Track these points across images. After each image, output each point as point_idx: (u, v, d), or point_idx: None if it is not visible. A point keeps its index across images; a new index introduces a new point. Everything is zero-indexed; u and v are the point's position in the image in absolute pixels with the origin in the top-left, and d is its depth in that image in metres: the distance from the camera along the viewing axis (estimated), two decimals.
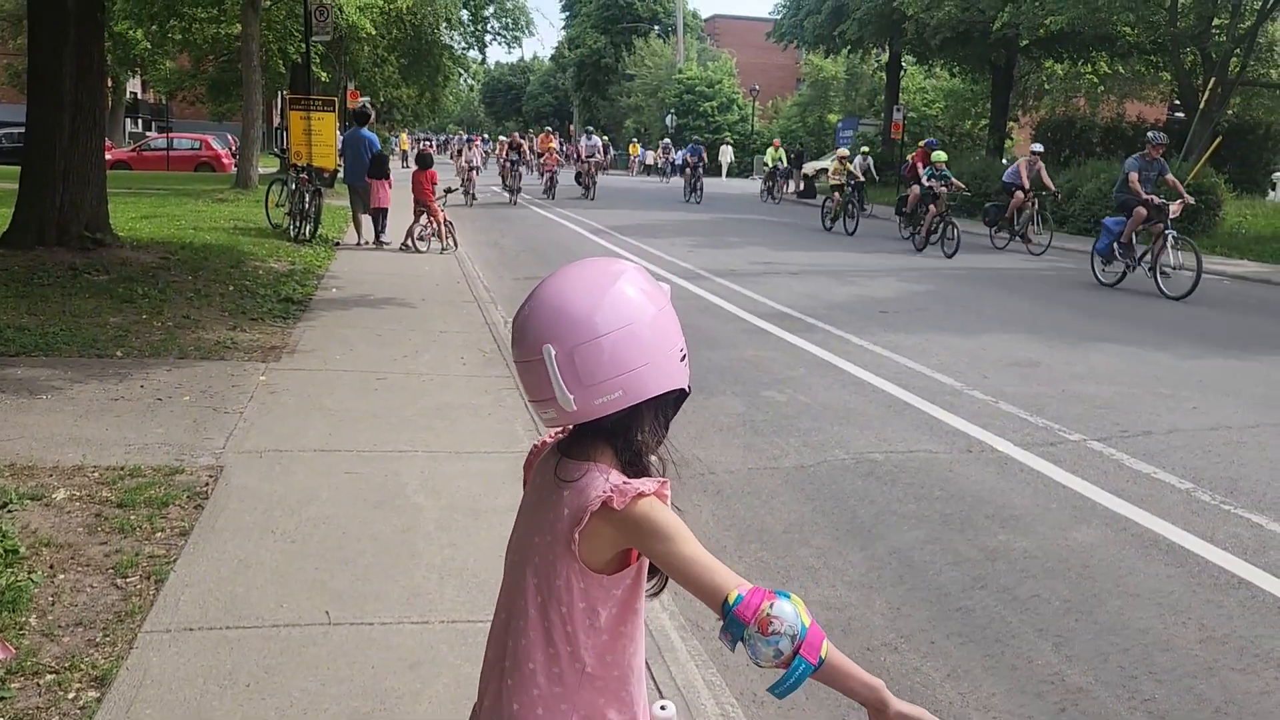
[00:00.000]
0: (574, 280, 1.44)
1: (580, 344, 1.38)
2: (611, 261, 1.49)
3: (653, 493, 1.43)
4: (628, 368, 1.40)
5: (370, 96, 33.34)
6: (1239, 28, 21.96)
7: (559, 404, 1.40)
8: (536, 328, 1.41)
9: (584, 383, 1.39)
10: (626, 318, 1.40)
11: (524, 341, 1.43)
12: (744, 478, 5.18)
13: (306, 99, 14.42)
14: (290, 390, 6.15)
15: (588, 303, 1.40)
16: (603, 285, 1.43)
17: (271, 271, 10.77)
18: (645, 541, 1.44)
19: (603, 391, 1.40)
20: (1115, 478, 5.14)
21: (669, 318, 1.47)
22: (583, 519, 1.43)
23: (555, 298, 1.42)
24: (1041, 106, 41.93)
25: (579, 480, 1.46)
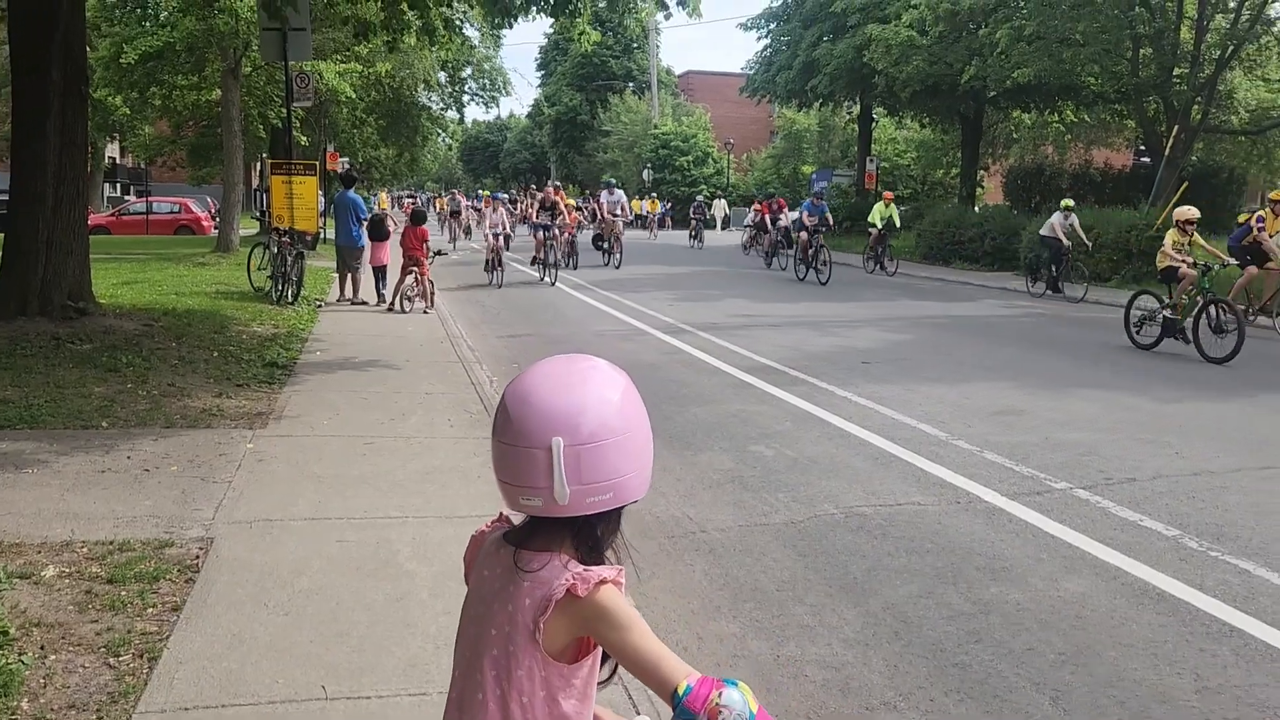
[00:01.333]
0: (579, 378, 1.50)
1: (590, 444, 1.44)
2: (601, 364, 1.56)
3: (612, 580, 1.49)
4: (622, 473, 1.47)
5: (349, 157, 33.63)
6: (1199, 77, 22.55)
7: (552, 496, 1.44)
8: (547, 419, 1.45)
9: (583, 480, 1.44)
10: (631, 426, 1.49)
11: (528, 429, 1.46)
12: (735, 535, 5.19)
13: (288, 163, 14.53)
14: (278, 457, 6.14)
15: (597, 404, 1.47)
16: (607, 388, 1.50)
17: (255, 336, 10.77)
18: (602, 629, 1.48)
19: (597, 491, 1.46)
20: (1103, 526, 5.19)
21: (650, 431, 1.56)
22: (547, 608, 1.47)
23: (562, 393, 1.47)
24: (1010, 155, 42.74)
25: (540, 571, 1.50)
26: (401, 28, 12.34)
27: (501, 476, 1.52)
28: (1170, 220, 19.76)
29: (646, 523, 5.37)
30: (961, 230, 25.86)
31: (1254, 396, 8.83)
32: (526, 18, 12.23)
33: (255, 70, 20.94)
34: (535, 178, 76.05)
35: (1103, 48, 22.64)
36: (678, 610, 4.30)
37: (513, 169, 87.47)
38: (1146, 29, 22.06)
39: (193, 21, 17.94)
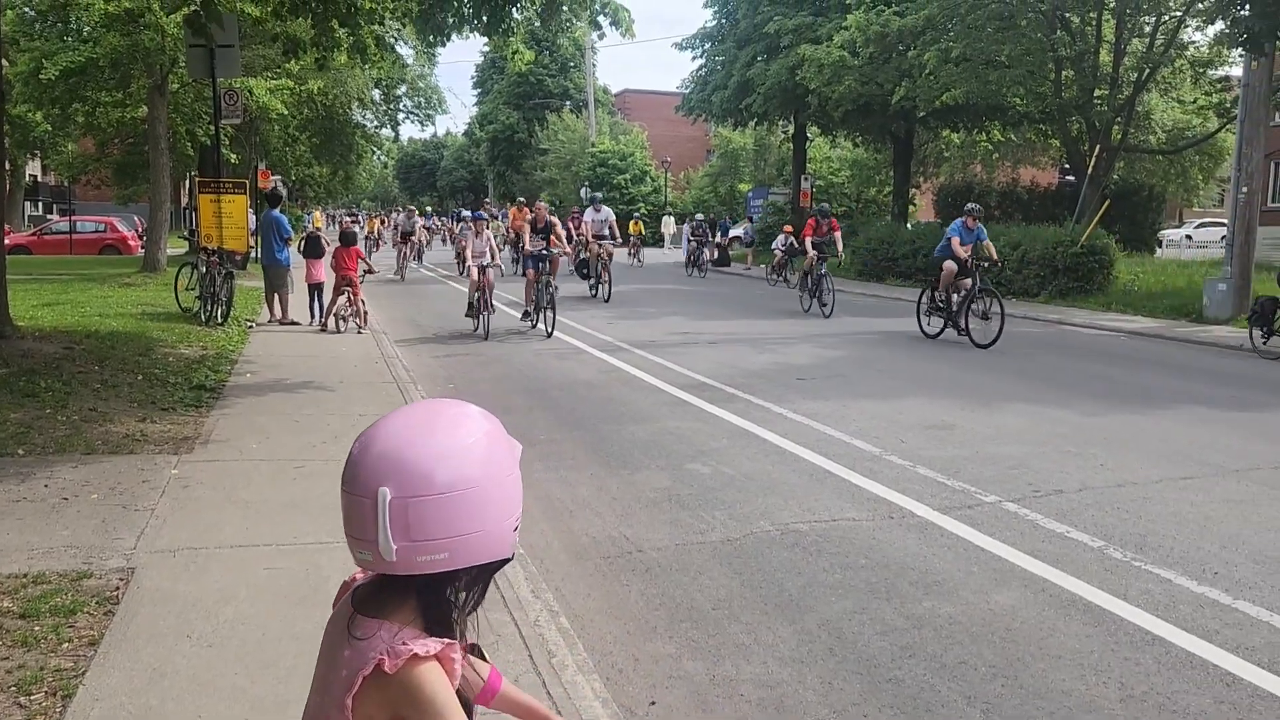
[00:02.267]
0: (425, 426, 1.36)
1: (417, 497, 1.30)
2: (467, 411, 1.42)
3: (433, 655, 1.34)
4: (461, 531, 1.32)
5: (282, 176, 33.14)
6: (1118, 98, 23.29)
7: (379, 551, 1.31)
8: (374, 467, 1.32)
9: (411, 536, 1.30)
10: (472, 479, 1.33)
11: (357, 477, 1.34)
12: (672, 554, 5.18)
13: (216, 181, 14.25)
14: (204, 483, 5.98)
15: (434, 454, 1.33)
16: (455, 438, 1.35)
17: (182, 358, 10.51)
18: (411, 713, 1.32)
19: (429, 550, 1.32)
20: (1031, 538, 5.28)
21: (515, 484, 1.41)
22: (355, 683, 1.33)
23: (400, 440, 1.33)
24: (941, 173, 43.72)
25: (363, 640, 1.35)
26: (332, 45, 12.18)
27: (344, 525, 1.38)
28: (1096, 236, 20.50)
29: (583, 544, 5.34)
30: (894, 247, 26.30)
31: (1173, 408, 9.08)
32: (460, 36, 12.18)
33: (183, 87, 20.55)
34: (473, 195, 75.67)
35: (1027, 69, 23.26)
36: (614, 632, 4.27)
37: (450, 187, 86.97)
38: (1068, 52, 22.72)
39: (117, 37, 17.55)
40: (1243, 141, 17.43)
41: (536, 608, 4.29)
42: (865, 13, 26.75)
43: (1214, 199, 50.19)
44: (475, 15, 11.10)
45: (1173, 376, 10.98)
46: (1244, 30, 16.44)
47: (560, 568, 5.01)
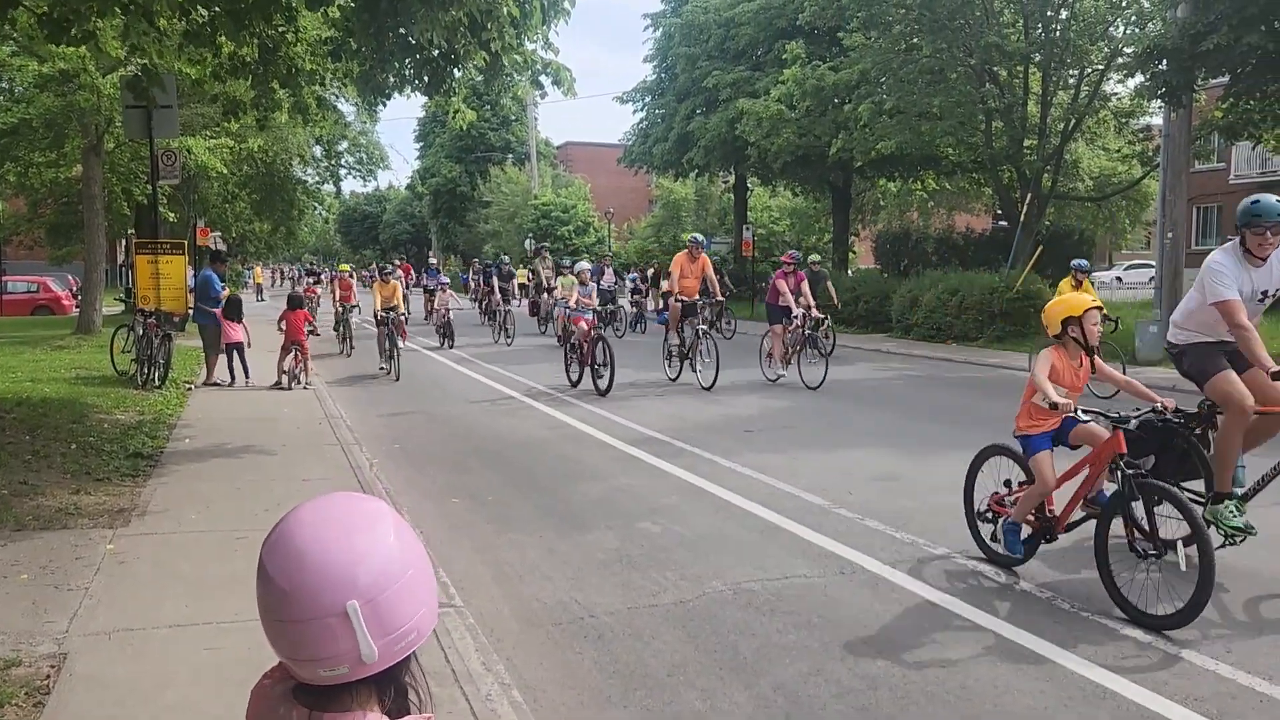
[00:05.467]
0: (352, 524, 1.33)
1: (386, 592, 1.29)
2: (365, 498, 1.41)
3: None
4: (421, 605, 1.33)
5: (221, 232, 32.75)
6: (1047, 148, 24.04)
7: (359, 660, 1.29)
8: (331, 583, 1.28)
9: (387, 630, 1.29)
10: (416, 555, 1.35)
11: (313, 600, 1.27)
12: (624, 618, 5.13)
13: (154, 242, 14.03)
14: (142, 558, 5.80)
15: (383, 546, 1.32)
16: (388, 524, 1.35)
17: (118, 424, 10.25)
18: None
19: (403, 635, 1.31)
20: (980, 592, 5.33)
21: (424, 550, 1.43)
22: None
23: (345, 548, 1.30)
24: (879, 220, 44.65)
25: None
26: (272, 106, 12.16)
27: (291, 655, 1.32)
28: (1030, 281, 21.02)
29: (534, 610, 5.27)
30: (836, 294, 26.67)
31: None
32: (401, 95, 12.22)
33: (119, 146, 20.27)
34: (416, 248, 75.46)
35: (958, 120, 23.93)
36: (565, 702, 4.21)
37: (392, 240, 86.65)
38: (997, 103, 23.45)
39: (51, 98, 17.31)
40: (1165, 189, 18.07)
41: (488, 681, 4.21)
42: (801, 67, 27.40)
43: (1141, 242, 51.93)
44: (416, 76, 11.13)
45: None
46: (1163, 84, 17.13)
47: (511, 636, 4.93)
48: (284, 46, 11.12)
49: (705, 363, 14.00)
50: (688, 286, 14.39)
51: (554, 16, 9.63)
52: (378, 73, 11.23)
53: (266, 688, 1.41)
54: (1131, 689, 4.11)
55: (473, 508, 7.57)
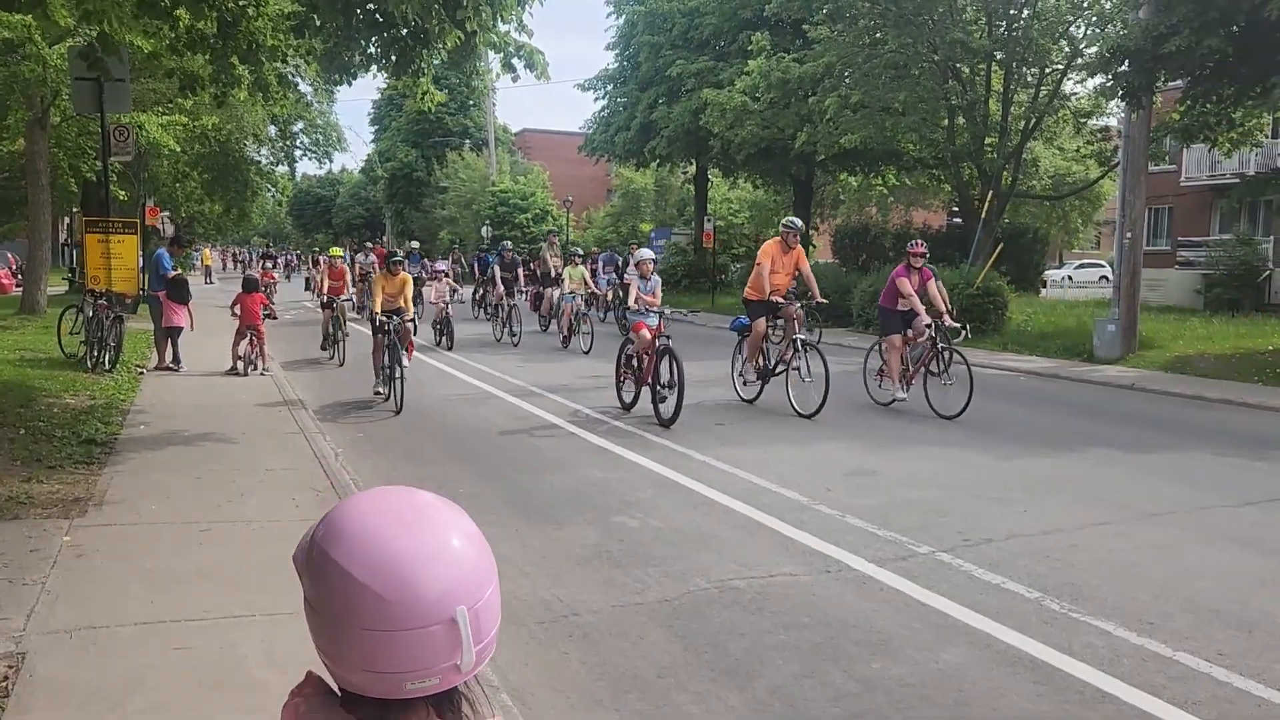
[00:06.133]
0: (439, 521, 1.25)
1: (485, 594, 1.22)
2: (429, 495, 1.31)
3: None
4: (499, 610, 1.26)
5: (170, 212, 31.94)
6: (1007, 146, 24.25)
7: (454, 669, 1.19)
8: (444, 588, 1.19)
9: (482, 636, 1.21)
10: (489, 550, 1.27)
11: (422, 608, 1.18)
12: (609, 617, 4.99)
13: (105, 220, 13.56)
14: (101, 551, 5.54)
15: (480, 546, 1.24)
16: (471, 522, 1.27)
17: (69, 409, 9.87)
18: None
19: (492, 642, 1.25)
20: (968, 591, 5.27)
21: None
22: None
23: (448, 549, 1.21)
24: (838, 215, 44.88)
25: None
26: (232, 82, 11.79)
27: (378, 668, 1.21)
28: (990, 278, 21.21)
29: (514, 608, 5.11)
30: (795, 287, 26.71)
31: (1081, 450, 9.31)
32: (366, 74, 11.92)
33: (66, 120, 19.60)
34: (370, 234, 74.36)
35: (921, 116, 24.05)
36: (555, 705, 4.07)
37: (346, 224, 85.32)
38: (959, 101, 23.59)
39: None
40: (1125, 189, 18.27)
41: (474, 684, 4.04)
42: (767, 59, 27.33)
43: (1091, 241, 52.84)
44: (384, 55, 10.85)
45: (1075, 417, 11.29)
46: (1124, 84, 17.30)
47: None
48: (245, 21, 10.76)
49: (807, 382, 11.05)
50: (779, 284, 11.75)
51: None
52: (343, 51, 10.94)
53: (299, 706, 1.29)
54: (1129, 692, 4.07)
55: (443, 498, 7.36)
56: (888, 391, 11.70)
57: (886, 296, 11.69)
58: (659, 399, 10.51)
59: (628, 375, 11.37)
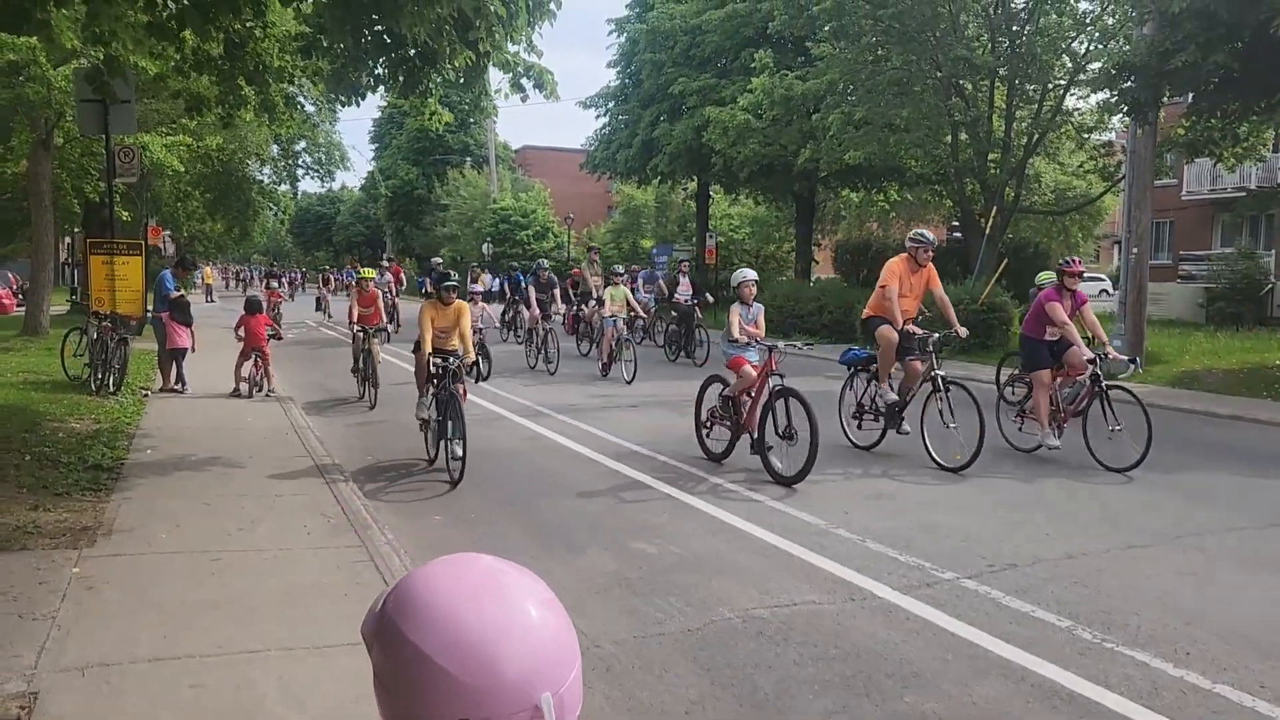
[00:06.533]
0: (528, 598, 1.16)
1: (569, 678, 1.15)
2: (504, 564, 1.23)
3: None
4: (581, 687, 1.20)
5: (172, 231, 31.92)
6: (1010, 161, 24.24)
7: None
8: (526, 677, 1.10)
9: (566, 715, 1.15)
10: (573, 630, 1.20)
11: (505, 695, 1.10)
12: (632, 648, 4.88)
13: (110, 241, 13.49)
14: (111, 583, 5.44)
15: (564, 625, 1.17)
16: (542, 586, 1.20)
17: (74, 433, 9.77)
18: None
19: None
20: (998, 620, 5.16)
21: None
22: None
23: (533, 633, 1.13)
24: (839, 230, 44.88)
25: None
26: (238, 103, 11.76)
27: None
28: (995, 294, 21.14)
29: None
30: (800, 304, 26.66)
31: (1096, 469, 9.19)
32: (374, 95, 11.86)
33: (69, 142, 19.57)
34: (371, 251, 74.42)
35: (924, 133, 24.04)
36: None
37: (346, 242, 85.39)
38: (962, 117, 23.58)
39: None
40: (1131, 204, 18.23)
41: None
42: (770, 77, 27.37)
43: (1091, 255, 52.81)
44: (391, 76, 10.81)
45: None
46: (1130, 100, 17.29)
47: None
48: (252, 42, 10.75)
49: (951, 428, 8.99)
50: (907, 309, 9.78)
51: (539, 18, 9.37)
52: (350, 72, 10.90)
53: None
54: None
55: (455, 526, 7.27)
56: (1032, 436, 9.76)
57: (1031, 323, 9.87)
58: (759, 447, 8.71)
59: (717, 421, 9.47)
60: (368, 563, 5.96)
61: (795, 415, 8.43)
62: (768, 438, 8.63)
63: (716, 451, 9.43)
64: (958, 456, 8.96)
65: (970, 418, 8.83)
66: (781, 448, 8.51)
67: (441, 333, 9.38)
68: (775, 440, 8.50)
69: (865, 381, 10.16)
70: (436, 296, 9.62)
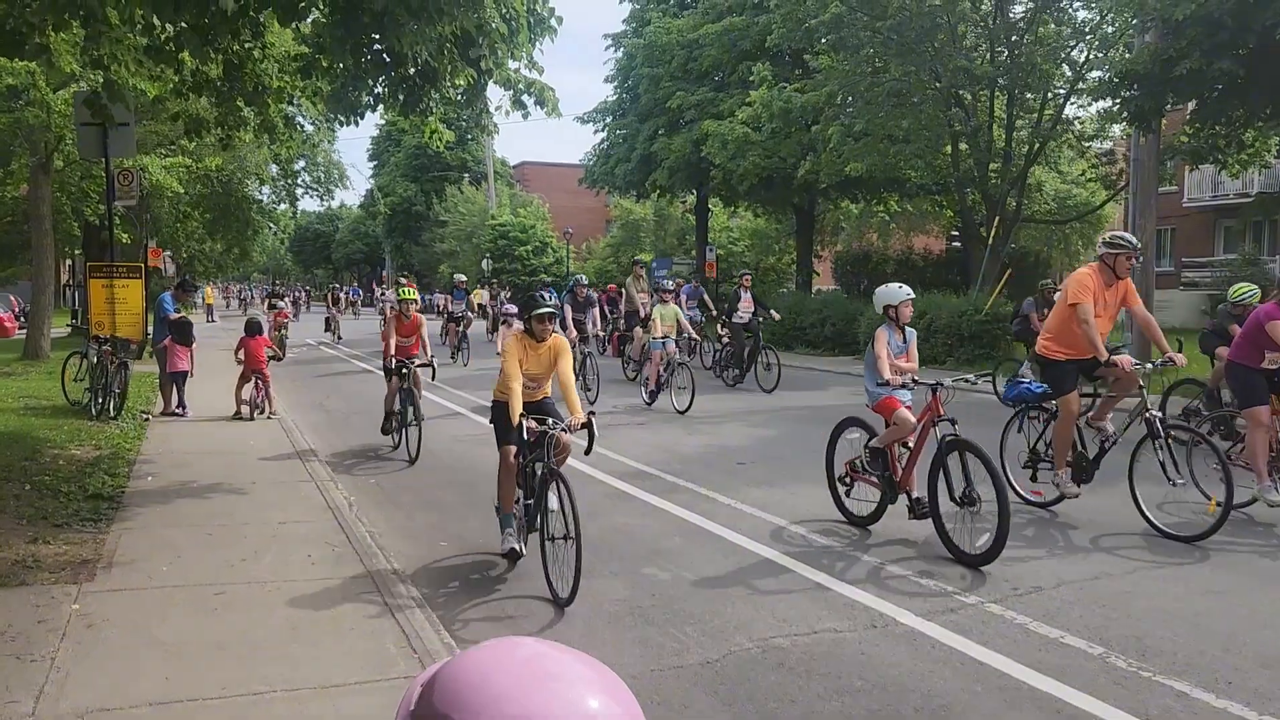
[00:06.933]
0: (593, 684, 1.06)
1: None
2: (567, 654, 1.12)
3: None
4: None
5: (172, 252, 31.83)
6: (1011, 171, 24.16)
7: None
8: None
9: None
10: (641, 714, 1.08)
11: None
12: (649, 683, 4.72)
13: (110, 265, 13.38)
14: (112, 620, 5.28)
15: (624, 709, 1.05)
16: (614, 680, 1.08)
17: (74, 461, 9.63)
18: None
19: None
20: (1026, 647, 5.00)
21: None
22: None
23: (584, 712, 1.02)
24: (839, 242, 44.82)
25: None
26: (237, 124, 11.65)
27: None
28: (1000, 304, 21.02)
29: None
30: (802, 316, 26.54)
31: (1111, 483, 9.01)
32: (374, 114, 11.77)
33: (69, 165, 19.49)
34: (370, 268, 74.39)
35: (924, 143, 23.97)
36: None
37: (346, 259, 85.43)
38: (962, 127, 23.51)
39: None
40: (1135, 213, 18.14)
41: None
42: (768, 89, 27.32)
43: None
44: (391, 95, 10.71)
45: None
46: (1133, 108, 17.21)
47: None
48: (250, 63, 10.65)
49: (1179, 485, 7.09)
50: (1102, 331, 7.71)
51: (540, 35, 9.28)
52: (350, 91, 10.80)
53: None
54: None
55: (463, 553, 7.11)
56: (1268, 491, 7.45)
57: (1243, 348, 7.94)
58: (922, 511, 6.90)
59: (860, 476, 7.60)
60: (374, 594, 5.80)
61: (974, 473, 6.60)
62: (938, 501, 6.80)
63: (862, 515, 7.53)
64: (1208, 510, 6.86)
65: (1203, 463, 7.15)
66: (960, 517, 6.62)
67: (534, 381, 6.73)
68: (948, 505, 6.72)
69: (1042, 423, 8.17)
70: (526, 331, 6.66)
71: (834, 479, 7.89)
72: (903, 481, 7.19)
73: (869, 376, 7.45)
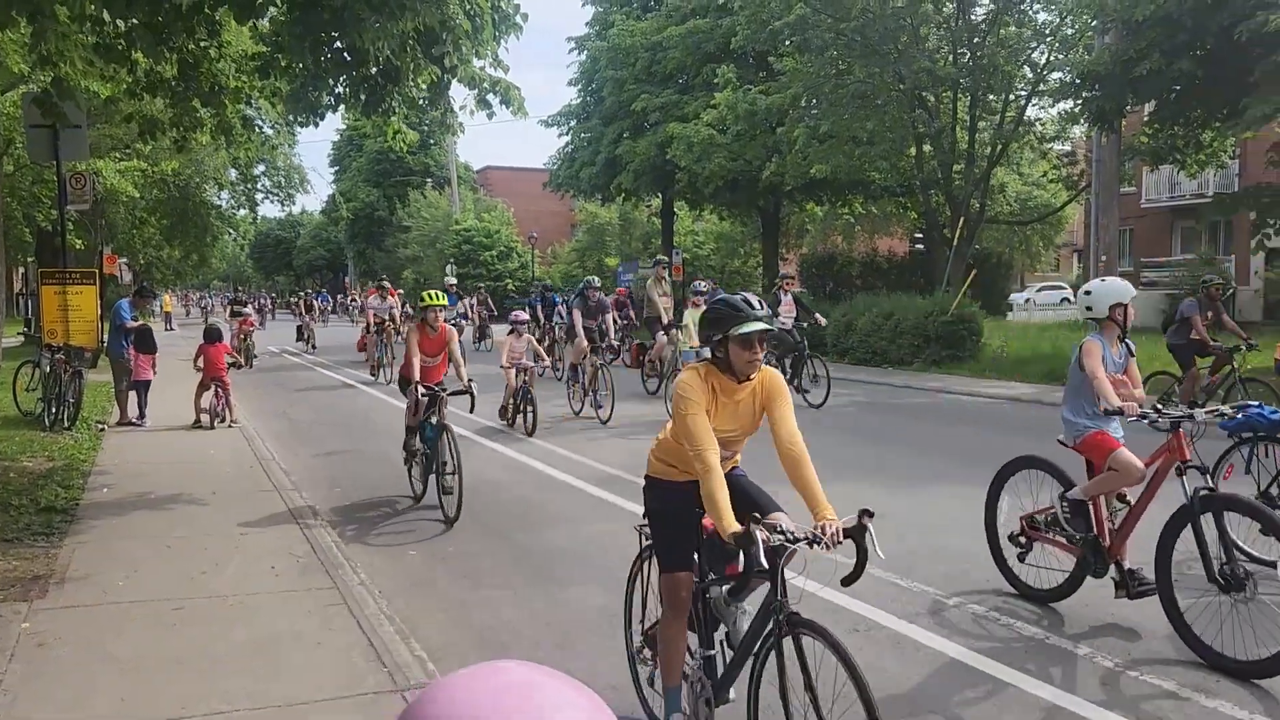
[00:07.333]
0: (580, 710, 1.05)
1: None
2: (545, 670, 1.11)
3: None
4: None
5: (128, 259, 31.21)
6: (974, 172, 24.34)
7: None
8: None
9: None
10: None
11: None
12: (630, 693, 4.57)
13: (62, 271, 13.00)
14: (65, 639, 5.04)
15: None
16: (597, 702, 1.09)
17: (26, 473, 9.29)
18: None
19: None
20: (1014, 649, 4.91)
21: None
22: None
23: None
24: (804, 244, 45.00)
25: None
26: (193, 125, 11.36)
27: None
28: (965, 305, 21.09)
29: None
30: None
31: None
32: (335, 114, 11.52)
33: (19, 169, 18.97)
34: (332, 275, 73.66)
35: (889, 145, 24.08)
36: None
37: (307, 266, 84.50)
38: (926, 129, 23.65)
39: None
40: (1098, 212, 18.33)
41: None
42: (733, 92, 27.32)
43: (1051, 264, 53.37)
44: (352, 94, 10.49)
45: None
46: (1094, 108, 17.38)
47: None
48: (206, 62, 10.38)
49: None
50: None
51: (505, 31, 9.11)
52: (310, 91, 10.56)
53: None
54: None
55: (432, 560, 6.93)
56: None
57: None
58: (1139, 589, 5.16)
59: (1041, 535, 5.70)
60: (340, 606, 5.60)
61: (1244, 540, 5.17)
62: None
63: (1042, 588, 5.59)
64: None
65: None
66: (1221, 607, 4.72)
67: (727, 449, 4.21)
68: (1195, 584, 5.02)
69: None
70: (716, 361, 4.17)
71: (997, 537, 5.98)
72: (1115, 548, 5.29)
73: (1073, 403, 5.72)
